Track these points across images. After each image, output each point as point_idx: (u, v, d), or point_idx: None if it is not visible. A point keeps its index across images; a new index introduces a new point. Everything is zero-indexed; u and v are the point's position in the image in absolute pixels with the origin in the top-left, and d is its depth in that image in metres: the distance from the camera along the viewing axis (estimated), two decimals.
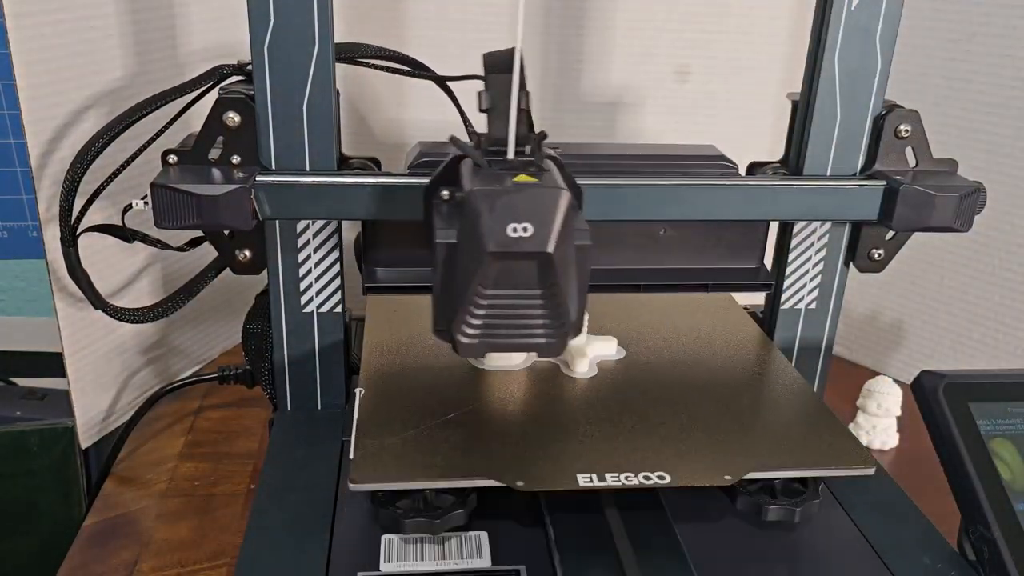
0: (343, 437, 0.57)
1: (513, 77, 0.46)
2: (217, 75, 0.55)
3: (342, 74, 0.74)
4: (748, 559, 0.49)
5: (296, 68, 0.51)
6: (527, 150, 0.47)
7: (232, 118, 0.52)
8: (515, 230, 0.42)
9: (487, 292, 0.43)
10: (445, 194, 0.49)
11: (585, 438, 0.50)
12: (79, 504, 0.77)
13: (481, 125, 0.56)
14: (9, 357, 1.17)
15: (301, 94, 0.52)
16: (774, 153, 0.63)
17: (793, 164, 0.60)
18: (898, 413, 0.71)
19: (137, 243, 0.59)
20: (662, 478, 0.46)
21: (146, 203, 0.50)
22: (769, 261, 0.63)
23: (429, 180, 0.50)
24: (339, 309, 0.58)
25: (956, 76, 0.74)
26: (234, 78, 0.55)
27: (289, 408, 0.60)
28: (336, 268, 0.57)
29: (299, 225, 0.55)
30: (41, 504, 0.77)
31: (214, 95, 0.53)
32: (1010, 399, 0.51)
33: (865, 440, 0.70)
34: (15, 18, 0.56)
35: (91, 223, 0.58)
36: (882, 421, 0.70)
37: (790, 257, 0.61)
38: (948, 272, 0.79)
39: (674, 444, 0.49)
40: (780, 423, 0.52)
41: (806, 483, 0.50)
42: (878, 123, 0.58)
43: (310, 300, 0.57)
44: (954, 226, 0.56)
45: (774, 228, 0.63)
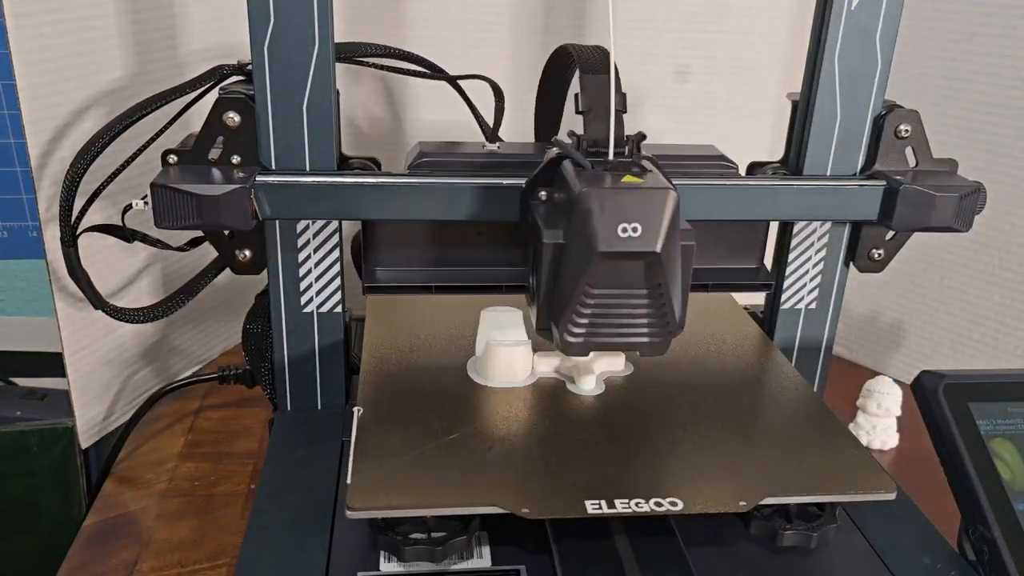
0: (343, 437, 0.56)
1: (610, 78, 0.46)
2: (217, 75, 0.55)
3: (343, 74, 0.74)
4: None
5: (296, 68, 0.51)
6: (626, 151, 0.47)
7: (232, 118, 0.52)
8: (624, 230, 0.42)
9: (594, 291, 0.43)
10: (543, 195, 0.50)
11: (593, 460, 0.48)
12: (79, 504, 0.77)
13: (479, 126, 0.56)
14: (9, 357, 1.17)
15: (301, 94, 0.52)
16: (774, 153, 0.62)
17: (793, 164, 0.60)
18: (898, 413, 0.71)
19: (137, 243, 0.59)
20: (674, 504, 0.44)
21: (146, 203, 0.50)
22: (769, 261, 0.63)
23: (527, 181, 0.50)
24: (339, 309, 0.58)
25: (956, 76, 0.74)
26: (234, 78, 0.55)
27: (289, 408, 0.60)
28: (336, 268, 0.57)
29: (299, 225, 0.55)
30: (41, 504, 0.77)
31: (214, 95, 0.53)
32: (1010, 399, 0.51)
33: (865, 440, 0.70)
34: (15, 18, 0.56)
35: (91, 223, 0.58)
36: (882, 421, 0.70)
37: (790, 257, 0.61)
38: (948, 272, 0.79)
39: (685, 467, 0.47)
40: (796, 443, 0.50)
41: (822, 506, 0.48)
42: (878, 123, 0.58)
43: (310, 300, 0.57)
44: (954, 226, 0.56)
45: (774, 228, 0.63)
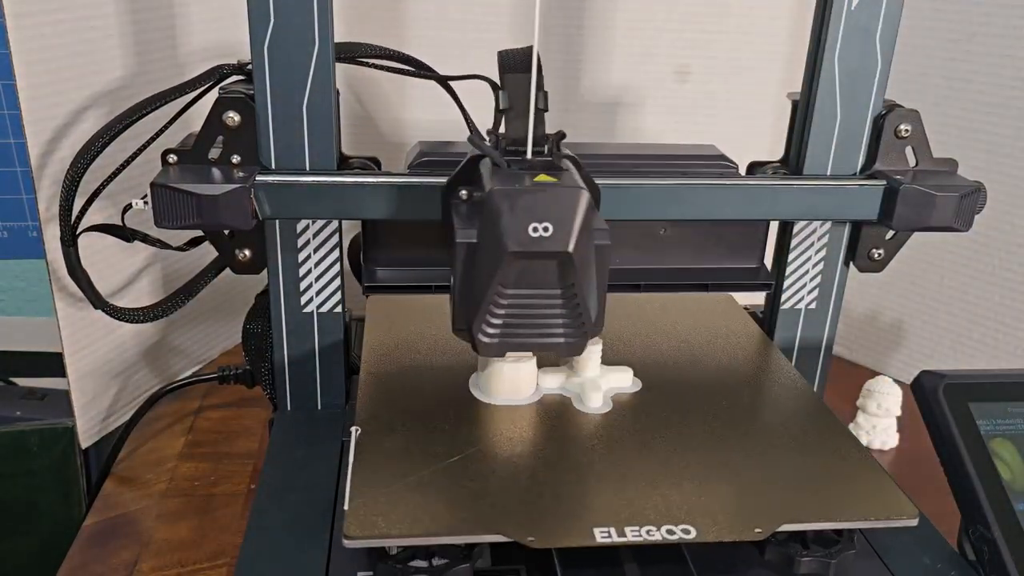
0: (343, 437, 0.56)
1: (531, 77, 0.46)
2: (217, 75, 0.55)
3: (342, 74, 0.74)
4: None
5: (296, 68, 0.51)
6: (545, 150, 0.47)
7: (232, 118, 0.52)
8: (535, 229, 0.42)
9: (507, 291, 0.43)
10: (463, 194, 0.49)
11: (601, 484, 0.46)
12: (79, 504, 0.77)
13: (484, 125, 0.56)
14: (9, 357, 1.17)
15: (301, 94, 0.52)
16: (774, 153, 0.62)
17: (793, 164, 0.60)
18: (898, 413, 0.70)
19: (137, 243, 0.59)
20: (687, 532, 0.42)
21: (146, 203, 0.50)
22: (769, 261, 0.63)
23: (447, 179, 0.50)
24: (339, 309, 0.58)
25: (956, 76, 0.74)
26: (234, 78, 0.55)
27: (289, 408, 0.60)
28: (336, 268, 0.57)
29: (299, 225, 0.55)
30: (41, 504, 0.77)
31: (214, 95, 0.53)
32: (1010, 399, 0.51)
33: (865, 440, 0.70)
34: (15, 18, 0.56)
35: (91, 223, 0.58)
36: (882, 421, 0.70)
37: (790, 257, 0.61)
38: (948, 272, 0.79)
39: (698, 491, 0.46)
40: (810, 462, 0.49)
41: (840, 531, 0.47)
42: (878, 123, 0.58)
43: (310, 300, 0.57)
44: (954, 226, 0.56)
45: (774, 228, 0.63)
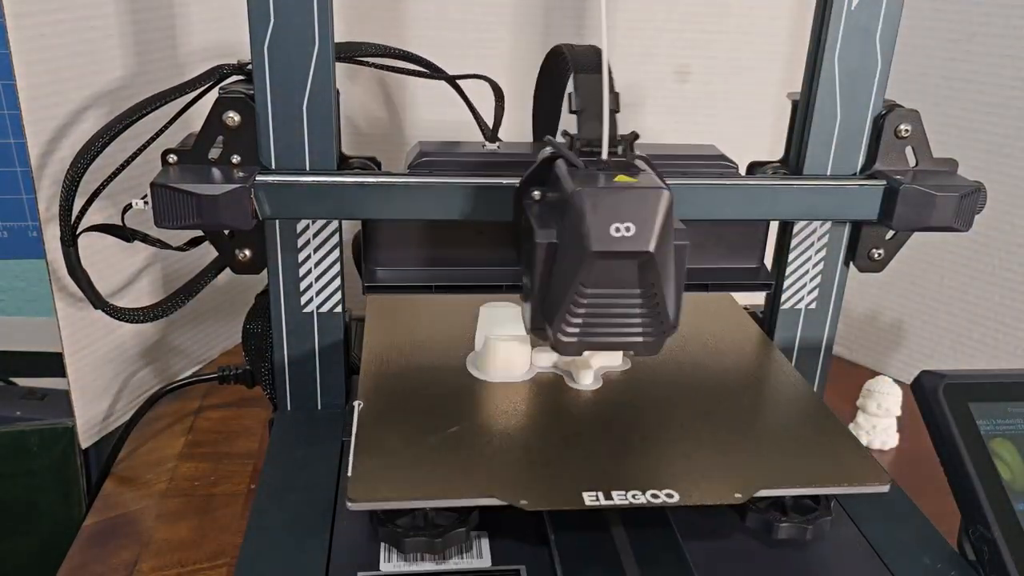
0: (343, 437, 0.56)
1: (603, 78, 0.46)
2: (217, 75, 0.55)
3: (343, 74, 0.74)
4: None
5: (296, 68, 0.51)
6: (619, 150, 0.47)
7: (232, 118, 0.52)
8: (618, 230, 0.42)
9: (588, 291, 0.44)
10: (536, 194, 0.50)
11: (590, 453, 0.48)
12: (79, 504, 0.77)
13: (484, 124, 0.56)
14: (9, 357, 1.17)
15: (301, 94, 0.52)
16: (774, 153, 0.62)
17: (793, 164, 0.60)
18: (898, 413, 0.70)
19: (137, 243, 0.59)
20: (670, 496, 0.44)
21: (146, 203, 0.50)
22: (769, 261, 0.63)
23: (520, 180, 0.50)
24: (339, 309, 0.58)
25: (956, 76, 0.74)
26: (234, 78, 0.55)
27: (289, 408, 0.60)
28: (336, 268, 0.57)
29: (299, 225, 0.55)
30: (41, 504, 0.77)
31: (214, 95, 0.53)
32: (1010, 399, 0.51)
33: (865, 440, 0.70)
34: (15, 18, 0.56)
35: (91, 223, 0.58)
36: (882, 421, 0.70)
37: (790, 257, 0.61)
38: (948, 272, 0.78)
39: (682, 460, 0.48)
40: (790, 435, 0.51)
41: (818, 499, 0.49)
42: (878, 123, 0.58)
43: (310, 300, 0.57)
44: (954, 226, 0.56)
45: (774, 228, 0.63)
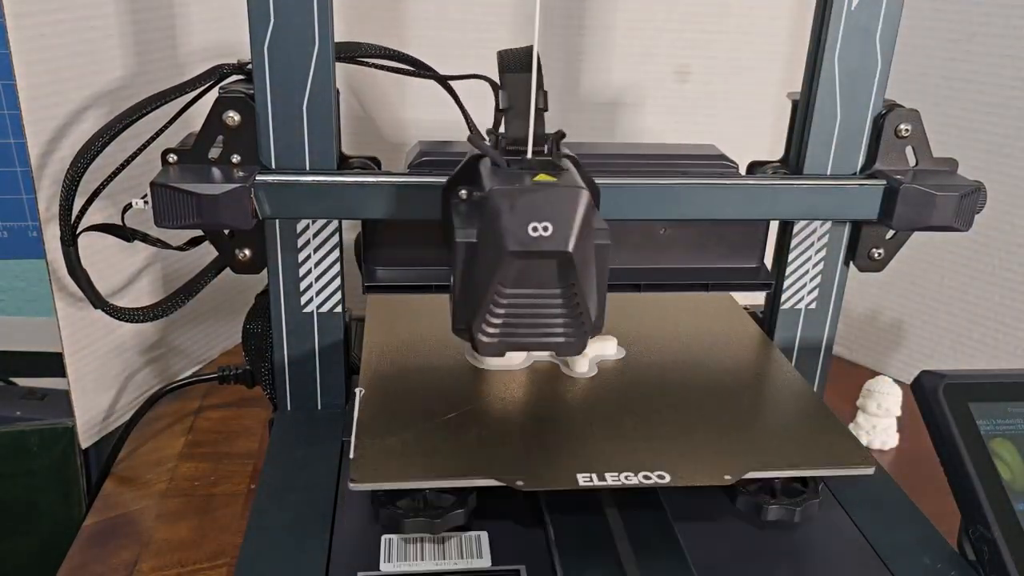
0: (343, 437, 0.56)
1: (531, 76, 0.46)
2: (217, 74, 0.55)
3: (343, 74, 0.74)
4: (748, 559, 0.49)
5: (296, 68, 0.51)
6: (545, 149, 0.47)
7: (232, 117, 0.52)
8: (535, 229, 0.42)
9: (507, 291, 0.44)
10: (463, 193, 0.50)
11: (585, 438, 0.50)
12: (79, 504, 0.77)
13: (484, 125, 0.56)
14: (9, 357, 1.17)
15: (301, 94, 0.52)
16: (774, 153, 0.62)
17: (793, 163, 0.60)
18: (898, 413, 0.70)
19: (137, 243, 0.59)
20: (662, 477, 0.46)
21: (146, 202, 0.50)
22: (769, 261, 0.63)
23: (447, 179, 0.50)
24: (339, 309, 0.58)
25: (956, 76, 0.74)
26: (234, 77, 0.55)
27: (289, 408, 0.60)
28: (336, 268, 0.57)
29: (299, 225, 0.55)
30: (41, 504, 0.77)
31: (214, 94, 0.53)
32: (1010, 399, 0.51)
33: (865, 440, 0.70)
34: (15, 18, 0.56)
35: (91, 222, 0.58)
36: (882, 421, 0.70)
37: (790, 257, 0.61)
38: (948, 272, 0.78)
39: (674, 444, 0.49)
40: (780, 423, 0.52)
41: (806, 483, 0.50)
42: (878, 122, 0.58)
43: (310, 300, 0.57)
44: (954, 225, 0.56)
45: (774, 228, 0.63)
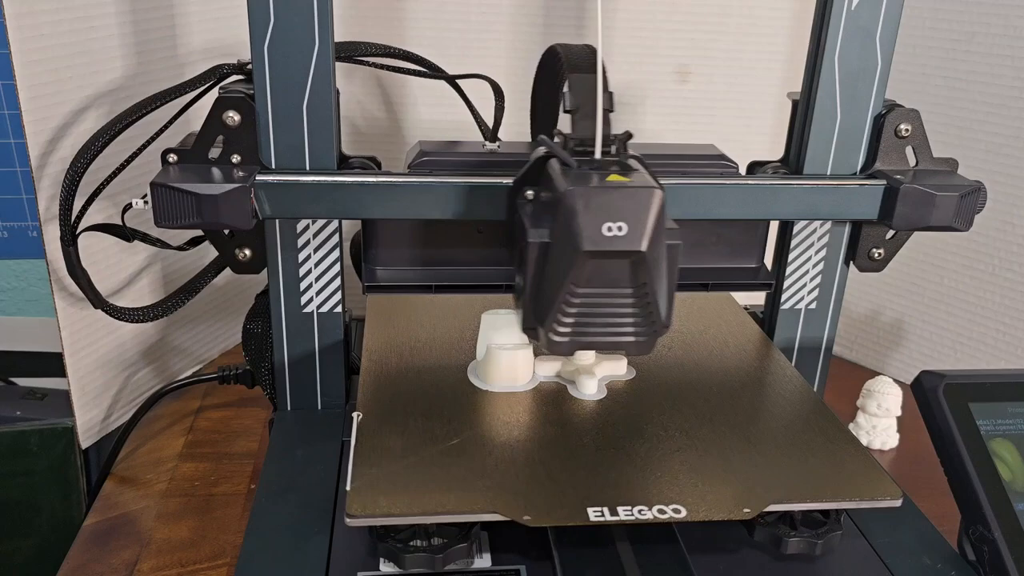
0: (343, 437, 0.57)
1: (597, 77, 0.46)
2: (217, 74, 0.55)
3: (343, 74, 0.74)
4: None
5: (296, 68, 0.51)
6: (612, 150, 0.47)
7: (232, 117, 0.52)
8: (610, 229, 0.42)
9: (580, 290, 0.43)
10: (530, 194, 0.50)
11: (595, 466, 0.47)
12: (79, 504, 0.77)
13: (490, 124, 0.56)
14: (9, 357, 1.17)
15: (301, 94, 0.52)
16: (774, 153, 0.62)
17: (793, 163, 0.60)
18: (898, 413, 0.70)
19: (137, 242, 0.59)
20: (677, 511, 0.44)
21: (146, 202, 0.50)
22: (769, 261, 0.63)
23: (514, 179, 0.50)
24: (339, 309, 0.58)
25: (956, 76, 0.74)
26: (234, 77, 0.55)
27: (289, 408, 0.60)
28: (336, 268, 0.57)
29: (299, 225, 0.55)
30: (41, 504, 0.77)
31: (214, 94, 0.53)
32: (1010, 399, 0.51)
33: (865, 440, 0.70)
34: (15, 18, 0.56)
35: (91, 222, 0.58)
36: (882, 421, 0.70)
37: (790, 257, 0.61)
38: (948, 272, 0.78)
39: (688, 473, 0.47)
40: (800, 448, 0.50)
41: (827, 513, 0.48)
42: (878, 122, 0.58)
43: (310, 300, 0.57)
44: (954, 225, 0.56)
45: (774, 227, 0.63)
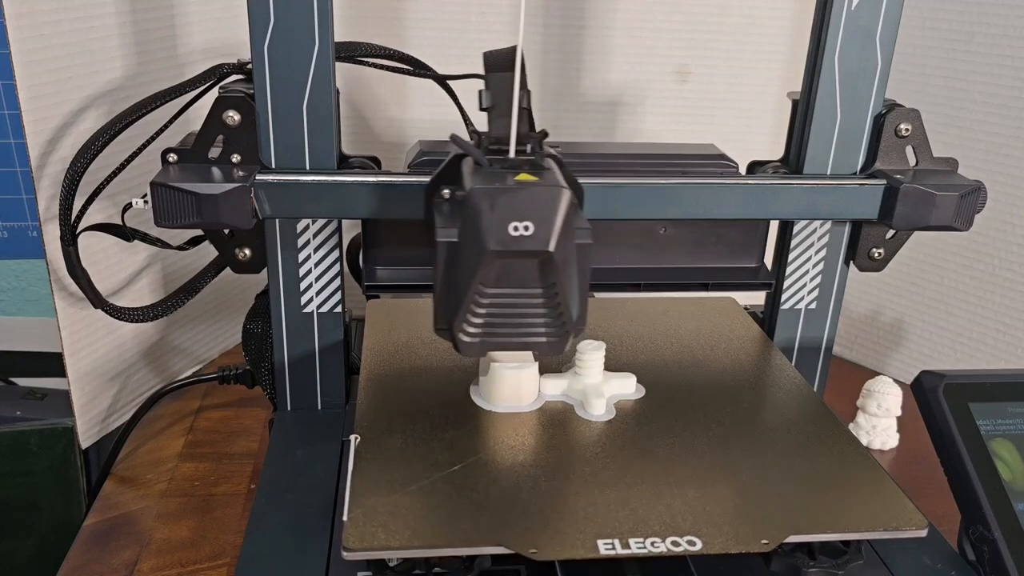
0: (343, 437, 0.57)
1: (514, 76, 0.46)
2: (217, 74, 0.55)
3: (342, 74, 0.74)
4: None
5: (296, 68, 0.51)
6: (528, 149, 0.47)
7: (232, 117, 0.52)
8: (516, 228, 0.42)
9: (488, 291, 0.43)
10: (446, 192, 0.49)
11: (604, 493, 0.45)
12: (79, 504, 0.77)
13: (483, 124, 0.56)
14: (9, 357, 1.17)
15: (301, 94, 0.52)
16: (774, 153, 0.62)
17: (793, 163, 0.60)
18: (898, 413, 0.70)
19: (137, 242, 0.59)
20: (692, 544, 0.41)
21: (146, 202, 0.50)
22: (769, 261, 0.63)
23: (430, 178, 0.50)
24: (339, 309, 0.58)
25: (956, 76, 0.74)
26: (234, 77, 0.55)
27: (289, 408, 0.60)
28: (336, 268, 0.57)
29: (299, 224, 0.55)
30: (41, 504, 0.77)
31: (214, 94, 0.53)
32: (1010, 399, 0.51)
33: (865, 440, 0.70)
34: (15, 18, 0.56)
35: (91, 222, 0.58)
36: (882, 421, 0.70)
37: (790, 256, 0.61)
38: (948, 272, 0.78)
39: (703, 501, 0.45)
40: (816, 469, 0.48)
41: (847, 542, 0.46)
42: (878, 122, 0.58)
43: (310, 300, 0.57)
44: (954, 225, 0.56)
45: (774, 227, 0.63)
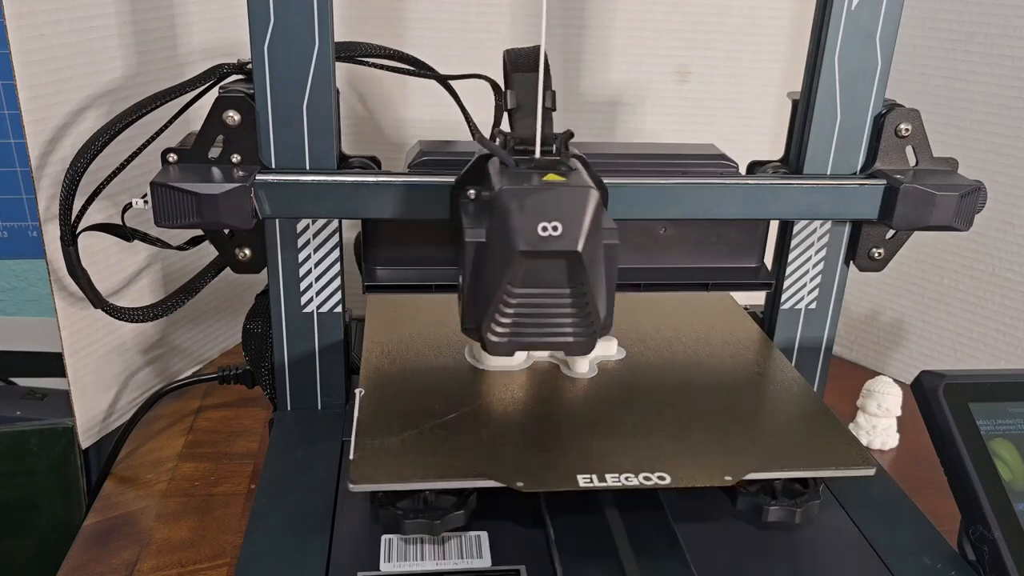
0: (343, 437, 0.57)
1: (539, 76, 0.46)
2: (217, 74, 0.55)
3: (343, 73, 0.74)
4: (748, 559, 0.49)
5: (296, 68, 0.51)
6: (553, 149, 0.47)
7: (232, 117, 0.52)
8: (545, 229, 0.42)
9: (516, 291, 0.43)
10: (471, 193, 0.50)
11: (585, 439, 0.49)
12: (79, 504, 0.77)
13: (483, 124, 0.56)
14: (9, 357, 1.17)
15: (301, 94, 0.52)
16: (774, 153, 0.62)
17: (793, 163, 0.60)
18: (898, 413, 0.70)
19: (137, 242, 0.59)
20: (662, 479, 0.46)
21: (146, 202, 0.50)
22: (769, 261, 0.63)
23: (455, 179, 0.50)
24: (339, 309, 0.58)
25: (956, 76, 0.74)
26: (234, 77, 0.55)
27: (289, 408, 0.60)
28: (336, 268, 0.57)
29: (299, 224, 0.55)
30: (41, 504, 0.77)
31: (214, 94, 0.53)
32: (1010, 399, 0.51)
33: (865, 440, 0.70)
34: (15, 18, 0.56)
35: (91, 222, 0.58)
36: (882, 421, 0.70)
37: (790, 256, 0.61)
38: (948, 272, 0.79)
39: (674, 445, 0.49)
40: (780, 423, 0.52)
41: (807, 484, 0.50)
42: (878, 122, 0.58)
43: (310, 300, 0.57)
44: (954, 225, 0.56)
45: (774, 227, 0.63)
